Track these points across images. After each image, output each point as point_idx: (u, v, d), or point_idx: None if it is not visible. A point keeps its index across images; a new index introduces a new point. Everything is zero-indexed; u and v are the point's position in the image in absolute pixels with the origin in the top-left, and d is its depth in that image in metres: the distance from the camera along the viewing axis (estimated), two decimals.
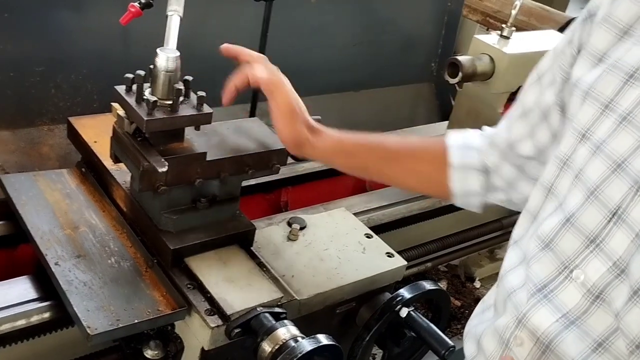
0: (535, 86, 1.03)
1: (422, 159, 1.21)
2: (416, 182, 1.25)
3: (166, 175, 1.18)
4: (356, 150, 1.22)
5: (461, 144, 1.17)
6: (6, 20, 1.75)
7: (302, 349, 1.09)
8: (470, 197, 1.17)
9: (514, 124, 1.07)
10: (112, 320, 1.12)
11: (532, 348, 0.87)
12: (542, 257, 0.88)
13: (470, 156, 1.15)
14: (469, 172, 1.15)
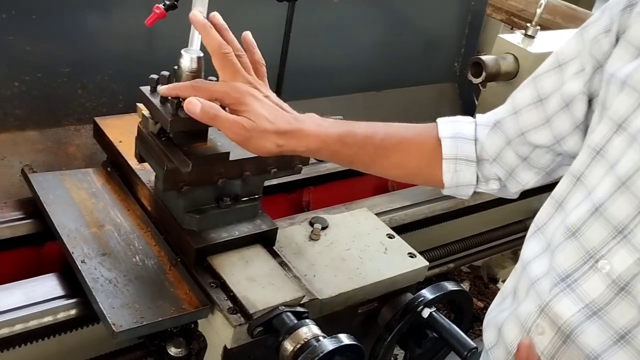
0: (554, 73, 1.01)
1: (411, 152, 1.19)
2: (404, 175, 1.25)
3: (190, 175, 1.20)
4: (341, 149, 1.15)
5: (453, 134, 1.16)
6: (33, 22, 1.78)
7: (323, 349, 1.09)
8: (461, 187, 1.18)
9: (524, 111, 1.05)
10: (137, 317, 1.14)
11: (553, 337, 0.87)
12: (567, 246, 0.88)
13: (463, 148, 1.14)
14: (461, 164, 1.15)
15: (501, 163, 1.13)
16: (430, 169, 1.17)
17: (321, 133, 1.12)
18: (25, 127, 1.85)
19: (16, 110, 1.83)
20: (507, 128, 1.10)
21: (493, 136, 1.12)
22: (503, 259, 2.24)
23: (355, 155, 1.17)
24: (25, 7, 1.76)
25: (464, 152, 1.15)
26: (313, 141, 1.12)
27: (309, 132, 1.11)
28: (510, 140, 1.09)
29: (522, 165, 1.11)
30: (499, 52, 1.96)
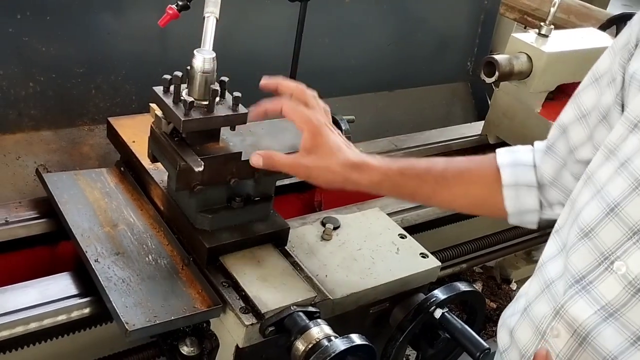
0: (592, 88, 1.01)
1: (471, 182, 1.19)
2: (467, 205, 1.24)
3: (202, 175, 1.20)
4: (403, 182, 1.19)
5: (512, 161, 1.16)
6: (48, 23, 1.80)
7: (335, 349, 1.09)
8: (525, 214, 1.16)
9: (570, 129, 1.05)
10: (150, 316, 1.14)
11: (569, 340, 0.87)
12: (581, 247, 0.87)
13: (523, 174, 1.14)
14: (522, 190, 1.14)
15: (559, 186, 1.11)
16: (492, 198, 1.16)
17: (383, 166, 1.17)
18: (40, 127, 1.88)
19: (31, 110, 1.85)
20: (558, 149, 1.09)
21: (547, 159, 1.12)
22: (516, 259, 2.23)
23: (416, 187, 1.19)
24: (40, 8, 1.78)
25: (523, 178, 1.14)
26: (376, 174, 1.16)
27: (373, 166, 1.16)
28: (565, 161, 1.09)
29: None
30: (512, 51, 1.95)
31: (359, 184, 1.17)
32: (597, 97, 1.00)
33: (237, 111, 1.22)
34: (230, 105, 1.22)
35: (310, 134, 1.14)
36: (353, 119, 1.50)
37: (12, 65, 1.79)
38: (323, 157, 1.15)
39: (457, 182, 1.19)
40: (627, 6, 6.45)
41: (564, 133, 1.07)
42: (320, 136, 1.14)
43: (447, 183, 1.19)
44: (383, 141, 2.06)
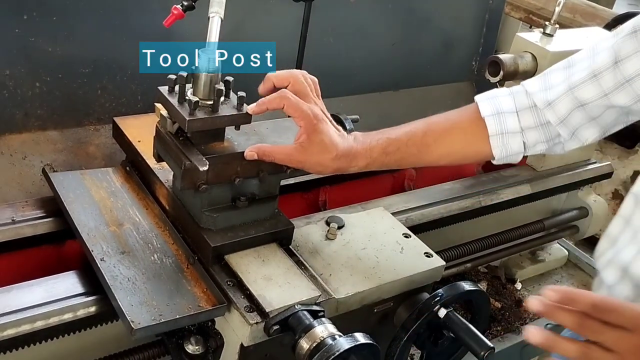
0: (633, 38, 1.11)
1: (454, 141, 1.30)
2: (452, 161, 1.35)
3: (207, 174, 1.21)
4: (387, 160, 1.29)
5: (495, 111, 1.26)
6: (54, 23, 1.81)
7: (339, 347, 1.09)
8: (510, 157, 1.29)
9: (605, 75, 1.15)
10: (155, 315, 1.15)
11: None
12: None
13: (507, 122, 1.26)
14: (508, 137, 1.26)
15: (567, 124, 1.23)
16: (476, 147, 1.29)
17: (367, 151, 1.27)
18: (46, 127, 1.89)
19: (37, 110, 1.86)
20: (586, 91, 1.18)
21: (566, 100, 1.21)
22: (521, 259, 2.23)
23: (401, 159, 1.30)
24: (46, 9, 1.79)
25: (509, 126, 1.26)
26: (362, 160, 1.27)
27: (359, 154, 1.26)
28: (588, 102, 1.19)
29: (588, 124, 1.23)
30: (517, 50, 1.95)
31: (348, 171, 1.28)
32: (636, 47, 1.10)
33: (242, 111, 1.23)
34: (235, 104, 1.23)
35: (307, 131, 1.21)
36: (357, 118, 1.51)
37: (18, 66, 1.80)
38: (317, 153, 1.23)
39: (438, 144, 1.30)
40: (633, 5, 6.43)
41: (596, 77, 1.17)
42: (316, 134, 1.21)
43: (429, 148, 1.29)
44: None
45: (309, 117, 1.20)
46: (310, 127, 1.20)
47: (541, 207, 2.13)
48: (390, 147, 1.28)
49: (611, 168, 2.17)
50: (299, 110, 1.20)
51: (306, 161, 1.24)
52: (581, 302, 0.91)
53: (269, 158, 1.24)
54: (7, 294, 1.20)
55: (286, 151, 1.24)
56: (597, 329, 0.91)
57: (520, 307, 2.03)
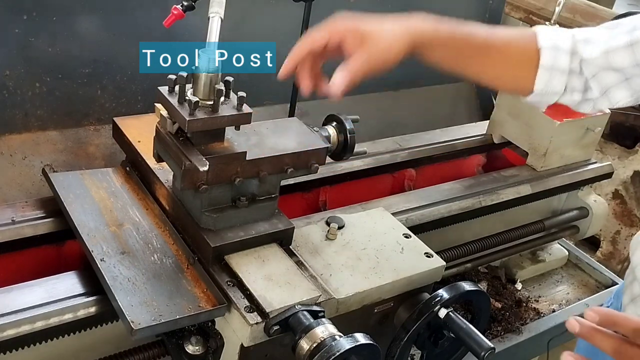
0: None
1: (510, 56, 1.27)
2: (496, 77, 1.31)
3: (207, 174, 1.21)
4: (449, 43, 1.27)
5: (553, 45, 1.24)
6: (54, 23, 1.81)
7: (339, 348, 1.09)
8: (547, 95, 1.26)
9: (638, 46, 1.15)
10: (155, 315, 1.15)
11: None
12: None
13: (561, 59, 1.23)
14: (555, 73, 1.23)
15: (599, 81, 1.22)
16: (522, 73, 1.25)
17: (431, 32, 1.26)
18: (46, 127, 1.89)
19: (37, 110, 1.87)
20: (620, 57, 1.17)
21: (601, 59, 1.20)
22: (522, 259, 2.22)
23: (460, 49, 1.27)
24: (46, 9, 1.79)
25: (560, 63, 1.23)
26: (426, 51, 1.25)
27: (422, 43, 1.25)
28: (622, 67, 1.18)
29: (621, 85, 1.21)
30: None
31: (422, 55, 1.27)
32: None
33: (242, 111, 1.22)
34: (235, 105, 1.23)
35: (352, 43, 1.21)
36: (357, 118, 1.50)
37: (18, 66, 1.80)
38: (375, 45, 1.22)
39: (497, 54, 1.26)
40: (633, 5, 6.43)
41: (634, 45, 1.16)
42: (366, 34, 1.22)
43: (488, 53, 1.26)
44: (387, 141, 2.06)
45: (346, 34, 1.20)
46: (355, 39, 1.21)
47: (541, 207, 2.13)
48: (457, 31, 1.26)
49: (611, 168, 2.17)
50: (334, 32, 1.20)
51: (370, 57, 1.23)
52: (622, 326, 0.91)
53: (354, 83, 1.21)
54: (7, 294, 1.20)
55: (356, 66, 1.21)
56: (637, 355, 0.89)
57: (520, 307, 2.03)
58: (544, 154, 2.02)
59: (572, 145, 2.07)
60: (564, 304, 2.13)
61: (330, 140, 1.44)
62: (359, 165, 1.92)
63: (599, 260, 2.64)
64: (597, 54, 1.21)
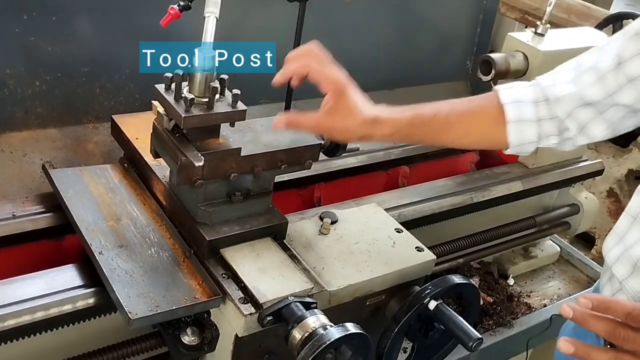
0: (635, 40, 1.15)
1: (474, 123, 1.34)
2: (470, 143, 1.40)
3: (202, 170, 1.24)
4: (412, 132, 1.32)
5: (514, 99, 1.30)
6: (54, 23, 1.84)
7: (330, 337, 1.12)
8: (524, 146, 1.32)
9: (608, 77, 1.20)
10: (152, 306, 1.19)
11: None
12: None
13: (525, 110, 1.29)
14: (525, 125, 1.29)
15: (575, 119, 1.26)
16: (493, 133, 1.32)
17: (395, 120, 1.30)
18: (46, 125, 1.92)
19: (37, 108, 1.90)
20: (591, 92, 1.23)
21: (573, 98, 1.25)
22: (514, 255, 2.26)
23: (424, 134, 1.34)
24: (46, 9, 1.82)
25: (526, 114, 1.29)
26: (388, 128, 1.29)
27: (386, 121, 1.29)
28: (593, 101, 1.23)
29: (597, 120, 1.25)
30: (509, 50, 1.98)
31: (373, 138, 1.31)
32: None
33: (237, 108, 1.26)
34: (230, 102, 1.26)
35: (334, 96, 1.22)
36: None
37: (18, 65, 1.83)
38: (343, 118, 1.25)
39: (460, 124, 1.33)
40: (631, 5, 6.45)
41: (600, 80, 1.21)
42: (342, 98, 1.23)
43: (451, 127, 1.32)
44: None
45: (335, 82, 1.21)
46: (337, 92, 1.22)
47: (534, 204, 2.16)
48: (416, 120, 1.30)
49: (602, 165, 2.21)
50: (325, 75, 1.21)
51: (333, 127, 1.26)
52: (615, 311, 0.95)
53: (296, 126, 1.26)
54: (8, 286, 1.23)
55: (314, 118, 1.25)
56: (630, 337, 0.94)
57: (512, 301, 2.06)
58: (536, 152, 2.04)
59: None
60: (555, 299, 2.16)
61: (324, 137, 1.48)
62: (354, 162, 1.95)
63: (593, 258, 2.67)
64: (568, 92, 1.25)
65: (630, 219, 1.22)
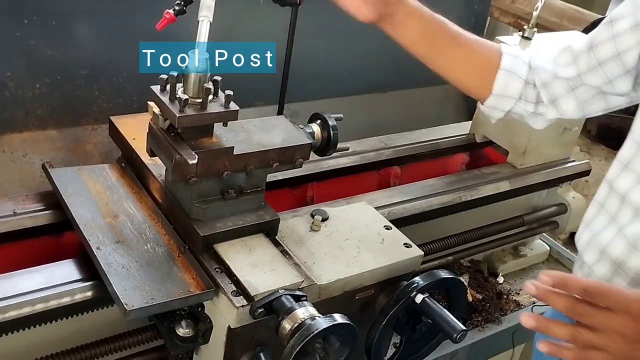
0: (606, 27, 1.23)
1: (476, 54, 1.38)
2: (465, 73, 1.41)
3: (196, 167, 1.29)
4: (427, 28, 1.36)
5: (513, 53, 1.38)
6: (54, 27, 1.89)
7: (318, 326, 1.17)
8: (504, 99, 1.38)
9: (580, 58, 1.29)
10: (147, 298, 1.23)
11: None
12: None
13: (519, 65, 1.36)
14: (513, 77, 1.35)
15: (550, 89, 1.35)
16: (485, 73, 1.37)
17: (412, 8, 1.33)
18: (46, 126, 1.96)
19: (37, 110, 1.94)
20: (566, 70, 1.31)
21: (549, 73, 1.34)
22: (504, 254, 2.31)
23: (435, 34, 1.36)
24: (46, 13, 1.87)
25: (518, 69, 1.36)
26: (409, 18, 1.34)
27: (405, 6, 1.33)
28: (567, 77, 1.32)
29: (567, 96, 1.34)
30: None
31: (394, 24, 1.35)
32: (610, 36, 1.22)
33: (229, 108, 1.31)
34: (223, 102, 1.31)
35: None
36: (341, 116, 1.58)
37: (19, 68, 1.87)
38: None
39: (467, 46, 1.38)
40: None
41: (574, 61, 1.30)
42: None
43: (460, 42, 1.37)
44: (373, 139, 2.14)
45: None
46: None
47: (522, 204, 2.21)
48: (433, 19, 1.35)
49: (589, 166, 2.26)
50: None
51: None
52: (573, 287, 0.98)
53: None
54: (8, 280, 1.28)
55: None
56: (586, 312, 0.98)
57: (501, 299, 2.11)
58: (523, 152, 2.10)
59: (550, 144, 2.15)
60: None
61: (315, 137, 1.53)
62: (346, 162, 2.00)
63: None
64: (546, 64, 1.34)
65: (597, 207, 1.28)
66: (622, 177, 1.21)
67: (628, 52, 1.22)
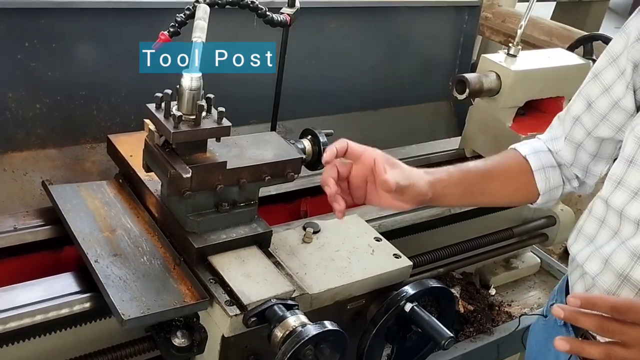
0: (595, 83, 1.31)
1: (508, 172, 1.45)
2: (509, 194, 1.47)
3: (191, 181, 1.34)
4: (461, 185, 1.40)
5: (532, 150, 1.44)
6: (54, 49, 1.95)
7: (308, 333, 1.21)
8: (552, 191, 1.44)
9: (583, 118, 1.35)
10: (144, 308, 1.27)
11: None
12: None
13: (545, 158, 1.43)
14: (549, 171, 1.43)
15: (577, 165, 1.42)
16: (524, 183, 1.43)
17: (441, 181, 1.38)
18: (46, 145, 2.02)
19: (37, 130, 2.00)
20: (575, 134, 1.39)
21: (567, 145, 1.42)
22: (495, 266, 2.34)
23: (469, 186, 1.41)
24: (46, 36, 1.93)
25: (547, 161, 1.43)
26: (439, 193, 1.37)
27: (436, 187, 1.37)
28: (581, 142, 1.39)
29: (594, 161, 1.41)
30: (483, 70, 2.09)
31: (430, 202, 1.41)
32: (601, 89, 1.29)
33: (222, 124, 1.36)
34: (216, 119, 1.36)
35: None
36: (331, 132, 1.64)
37: (20, 88, 1.93)
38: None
39: (499, 175, 1.44)
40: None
41: (578, 120, 1.37)
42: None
43: (492, 175, 1.43)
44: None
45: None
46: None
47: (512, 216, 2.25)
48: (455, 175, 1.39)
49: None
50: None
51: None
52: (601, 306, 1.03)
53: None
54: (10, 292, 1.32)
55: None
56: (617, 329, 1.02)
57: (493, 310, 2.14)
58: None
59: None
60: (536, 308, 2.24)
61: (306, 152, 1.58)
62: None
63: None
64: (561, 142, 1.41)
65: (597, 222, 1.30)
66: (616, 194, 1.23)
67: (623, 99, 1.27)
